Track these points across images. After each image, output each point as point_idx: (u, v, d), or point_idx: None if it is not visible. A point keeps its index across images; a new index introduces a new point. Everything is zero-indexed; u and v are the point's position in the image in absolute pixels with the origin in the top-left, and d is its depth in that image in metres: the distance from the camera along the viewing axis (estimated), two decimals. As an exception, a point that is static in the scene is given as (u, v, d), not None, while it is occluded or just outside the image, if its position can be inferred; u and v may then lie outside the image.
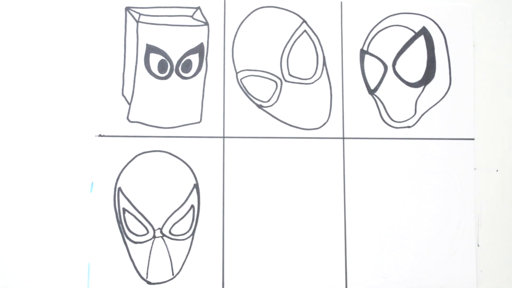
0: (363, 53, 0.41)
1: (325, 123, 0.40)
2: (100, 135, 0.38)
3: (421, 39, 0.41)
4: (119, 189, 0.38)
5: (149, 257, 0.37)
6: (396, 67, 0.41)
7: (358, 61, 0.41)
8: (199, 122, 0.39)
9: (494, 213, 0.40)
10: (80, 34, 0.38)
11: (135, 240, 0.37)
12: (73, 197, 0.37)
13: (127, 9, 0.39)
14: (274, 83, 0.40)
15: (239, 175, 0.38)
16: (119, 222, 0.37)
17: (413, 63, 0.41)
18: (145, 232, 0.38)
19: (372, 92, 0.40)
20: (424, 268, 0.39)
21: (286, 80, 0.40)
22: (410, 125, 0.40)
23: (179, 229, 0.38)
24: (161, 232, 0.38)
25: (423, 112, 0.41)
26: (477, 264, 0.39)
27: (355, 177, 0.39)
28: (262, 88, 0.39)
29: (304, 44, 0.40)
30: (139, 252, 0.37)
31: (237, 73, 0.39)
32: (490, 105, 0.41)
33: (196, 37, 0.39)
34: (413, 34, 0.41)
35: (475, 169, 0.40)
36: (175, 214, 0.38)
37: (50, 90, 0.38)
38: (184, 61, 0.39)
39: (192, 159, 0.38)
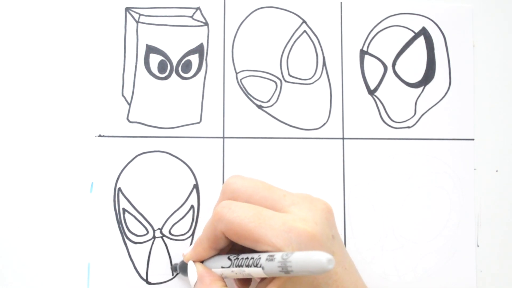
0: (363, 53, 0.41)
1: (324, 124, 0.40)
2: (100, 136, 0.38)
3: (421, 40, 0.41)
4: (119, 189, 0.38)
5: (149, 257, 0.37)
6: (396, 67, 0.41)
7: (358, 61, 0.41)
8: (199, 123, 0.39)
9: (494, 213, 0.40)
10: (80, 34, 0.39)
11: (135, 240, 0.37)
12: (73, 197, 0.37)
13: (127, 9, 0.39)
14: (274, 84, 0.40)
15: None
16: (119, 222, 0.37)
17: (413, 64, 0.41)
18: (145, 232, 0.38)
19: (372, 92, 0.40)
20: (424, 268, 0.39)
21: (286, 81, 0.40)
22: (410, 125, 0.40)
23: (179, 229, 0.38)
24: (161, 232, 0.38)
25: (423, 113, 0.41)
26: (477, 264, 0.39)
27: (355, 178, 0.39)
28: (262, 89, 0.40)
29: (304, 44, 0.40)
30: (139, 252, 0.37)
31: (237, 73, 0.39)
32: (490, 105, 0.41)
33: (196, 37, 0.39)
34: (413, 34, 0.41)
35: (475, 169, 0.40)
36: (175, 215, 0.38)
37: (50, 90, 0.38)
38: (184, 62, 0.39)
39: (192, 159, 0.38)
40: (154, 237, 0.38)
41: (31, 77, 0.38)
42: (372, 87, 0.40)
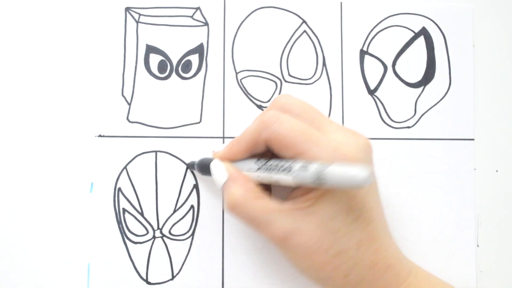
0: (363, 53, 0.41)
1: (325, 123, 0.40)
2: (100, 136, 0.38)
3: (421, 40, 0.41)
4: (119, 189, 0.38)
5: (149, 257, 0.37)
6: (396, 67, 0.41)
7: (358, 61, 0.41)
8: (199, 123, 0.39)
9: (494, 213, 0.40)
10: (80, 34, 0.39)
11: (135, 240, 0.37)
12: (73, 197, 0.37)
13: (127, 9, 0.39)
14: (274, 84, 0.40)
15: (239, 175, 0.38)
16: (119, 222, 0.38)
17: (413, 64, 0.41)
18: (145, 232, 0.38)
19: (372, 92, 0.40)
20: (424, 268, 0.39)
21: (286, 81, 0.40)
22: (410, 125, 0.40)
23: (179, 229, 0.38)
24: (161, 232, 0.38)
25: (423, 112, 0.41)
26: (477, 264, 0.39)
27: (355, 177, 0.39)
28: (262, 88, 0.40)
29: (304, 44, 0.40)
30: (139, 252, 0.37)
31: (237, 73, 0.39)
32: (490, 105, 0.41)
33: (196, 37, 0.39)
34: (413, 34, 0.41)
35: (475, 169, 0.40)
36: (175, 215, 0.38)
37: (50, 90, 0.38)
38: (184, 62, 0.39)
39: (192, 159, 0.38)
40: (154, 237, 0.38)
41: (31, 77, 0.38)
42: (372, 87, 0.40)
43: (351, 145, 0.30)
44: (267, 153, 0.33)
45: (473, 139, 0.41)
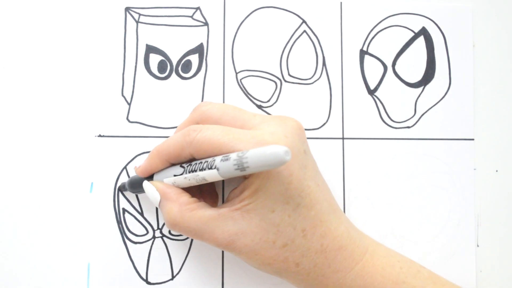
0: (362, 53, 0.41)
1: (324, 123, 0.40)
2: (99, 135, 0.38)
3: (421, 40, 0.41)
4: (119, 189, 0.38)
5: (149, 257, 0.37)
6: (396, 67, 0.41)
7: (357, 61, 0.41)
8: (199, 123, 0.39)
9: (494, 213, 0.40)
10: (80, 34, 0.39)
11: (135, 240, 0.37)
12: (73, 197, 0.37)
13: (127, 9, 0.39)
14: (274, 83, 0.40)
15: (239, 175, 0.38)
16: (119, 222, 0.38)
17: (413, 64, 0.41)
18: (145, 232, 0.38)
19: (371, 92, 0.40)
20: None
21: (285, 81, 0.40)
22: (410, 125, 0.40)
23: (179, 229, 0.38)
24: (161, 232, 0.38)
25: (423, 112, 0.41)
26: (476, 264, 0.39)
27: (355, 177, 0.39)
28: (261, 88, 0.40)
29: (303, 44, 0.40)
30: (139, 252, 0.37)
31: (236, 73, 0.39)
32: (490, 105, 0.41)
33: (196, 37, 0.39)
34: (413, 34, 0.41)
35: (475, 169, 0.40)
36: (175, 214, 0.38)
37: (50, 90, 0.38)
38: (184, 62, 0.39)
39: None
40: (154, 237, 0.38)
41: (31, 77, 0.38)
42: (372, 87, 0.40)
43: (277, 133, 0.30)
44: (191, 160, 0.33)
45: (473, 139, 0.41)
